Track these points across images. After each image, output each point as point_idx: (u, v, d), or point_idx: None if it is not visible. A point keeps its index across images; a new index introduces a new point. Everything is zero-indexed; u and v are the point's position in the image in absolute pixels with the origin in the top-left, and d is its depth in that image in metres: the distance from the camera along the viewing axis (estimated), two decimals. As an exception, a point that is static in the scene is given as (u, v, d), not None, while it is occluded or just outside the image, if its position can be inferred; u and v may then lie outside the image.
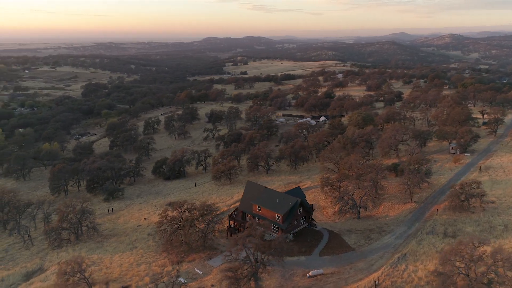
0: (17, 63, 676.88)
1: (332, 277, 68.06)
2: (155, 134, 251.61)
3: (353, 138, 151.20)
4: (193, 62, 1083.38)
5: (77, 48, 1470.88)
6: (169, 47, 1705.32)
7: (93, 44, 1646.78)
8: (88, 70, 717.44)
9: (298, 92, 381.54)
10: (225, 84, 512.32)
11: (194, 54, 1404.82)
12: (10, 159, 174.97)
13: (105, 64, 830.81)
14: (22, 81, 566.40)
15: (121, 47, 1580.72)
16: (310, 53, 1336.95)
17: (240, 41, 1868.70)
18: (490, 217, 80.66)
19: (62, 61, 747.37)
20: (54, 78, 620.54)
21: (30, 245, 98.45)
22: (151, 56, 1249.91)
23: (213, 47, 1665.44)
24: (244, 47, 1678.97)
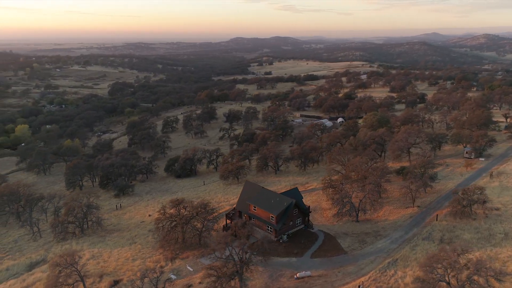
0: (50, 63, 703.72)
1: (319, 280, 67.47)
2: (173, 132, 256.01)
3: (365, 140, 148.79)
4: (219, 62, 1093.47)
5: (108, 48, 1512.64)
6: (196, 47, 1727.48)
7: (124, 44, 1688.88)
8: (116, 70, 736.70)
9: (319, 93, 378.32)
10: (247, 84, 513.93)
11: (220, 54, 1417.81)
12: (32, 154, 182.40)
13: (134, 63, 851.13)
14: (53, 79, 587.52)
15: (151, 47, 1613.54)
16: (337, 54, 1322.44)
17: (267, 41, 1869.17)
18: (492, 224, 77.64)
19: (92, 61, 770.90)
20: (84, 77, 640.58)
21: (38, 237, 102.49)
22: (179, 56, 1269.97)
23: (240, 47, 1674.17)
24: (270, 47, 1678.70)
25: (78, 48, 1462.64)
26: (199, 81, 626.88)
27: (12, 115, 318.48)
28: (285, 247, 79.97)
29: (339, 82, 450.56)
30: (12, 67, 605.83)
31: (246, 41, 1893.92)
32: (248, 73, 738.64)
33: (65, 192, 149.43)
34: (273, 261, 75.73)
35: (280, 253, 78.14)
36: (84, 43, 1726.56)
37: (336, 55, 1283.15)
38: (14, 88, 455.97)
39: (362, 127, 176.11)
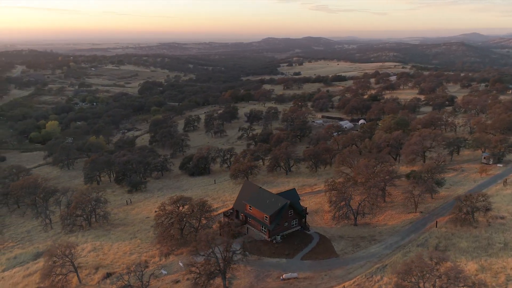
0: (86, 62, 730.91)
1: (304, 282, 67.01)
2: (194, 131, 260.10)
3: (379, 142, 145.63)
4: (249, 62, 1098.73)
5: (143, 48, 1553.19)
6: (228, 47, 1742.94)
7: (158, 44, 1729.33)
8: (148, 69, 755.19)
9: (344, 94, 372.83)
10: (274, 85, 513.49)
11: (251, 55, 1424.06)
12: (57, 150, 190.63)
13: (166, 63, 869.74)
14: (88, 78, 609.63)
15: (183, 47, 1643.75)
16: (369, 54, 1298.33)
17: (299, 41, 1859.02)
18: (493, 233, 74.23)
19: (125, 60, 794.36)
20: (116, 76, 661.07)
21: (49, 228, 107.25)
22: (210, 56, 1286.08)
23: (271, 48, 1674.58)
24: (302, 47, 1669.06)
25: (114, 48, 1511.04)
26: (227, 81, 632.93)
27: (46, 111, 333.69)
28: (277, 248, 79.84)
29: (367, 83, 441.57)
30: (50, 66, 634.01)
31: (277, 41, 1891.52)
32: (277, 74, 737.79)
33: (83, 186, 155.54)
34: (263, 261, 76.00)
35: (271, 253, 78.15)
36: (120, 43, 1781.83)
37: (369, 55, 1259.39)
38: (50, 86, 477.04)
39: (380, 129, 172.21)
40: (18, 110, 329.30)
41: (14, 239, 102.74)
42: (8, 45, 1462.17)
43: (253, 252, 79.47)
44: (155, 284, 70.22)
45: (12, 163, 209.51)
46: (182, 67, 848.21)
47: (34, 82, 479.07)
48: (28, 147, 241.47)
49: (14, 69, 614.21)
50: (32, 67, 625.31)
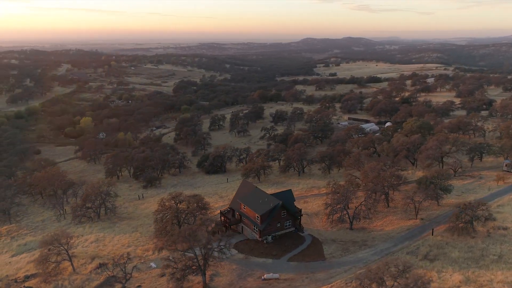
0: (127, 61, 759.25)
1: (283, 283, 66.73)
2: (219, 130, 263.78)
3: (396, 146, 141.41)
4: (286, 62, 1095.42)
5: (183, 48, 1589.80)
6: (266, 48, 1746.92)
7: (197, 44, 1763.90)
8: (185, 68, 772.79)
9: (377, 96, 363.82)
10: (307, 85, 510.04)
11: (289, 55, 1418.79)
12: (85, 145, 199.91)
13: (203, 63, 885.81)
14: (127, 76, 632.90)
15: (222, 47, 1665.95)
16: (411, 56, 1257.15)
17: (338, 42, 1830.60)
18: (490, 244, 70.31)
19: (164, 60, 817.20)
20: (154, 75, 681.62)
21: (62, 219, 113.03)
22: (248, 56, 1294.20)
23: (310, 48, 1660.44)
24: (341, 48, 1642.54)
25: (156, 48, 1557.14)
26: (261, 81, 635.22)
27: (83, 108, 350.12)
28: (266, 248, 79.85)
29: (402, 85, 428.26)
30: (93, 65, 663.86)
31: (316, 41, 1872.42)
32: (312, 74, 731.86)
33: (104, 180, 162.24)
34: (249, 260, 76.37)
35: (259, 253, 78.31)
36: (162, 43, 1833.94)
37: (410, 57, 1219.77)
38: (91, 84, 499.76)
39: (400, 132, 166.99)
40: (58, 106, 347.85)
41: (29, 227, 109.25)
42: (59, 45, 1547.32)
43: (243, 251, 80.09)
44: (142, 277, 72.48)
45: (46, 156, 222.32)
46: (219, 67, 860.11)
47: (76, 80, 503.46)
48: (62, 142, 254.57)
49: (60, 68, 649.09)
50: (76, 65, 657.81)
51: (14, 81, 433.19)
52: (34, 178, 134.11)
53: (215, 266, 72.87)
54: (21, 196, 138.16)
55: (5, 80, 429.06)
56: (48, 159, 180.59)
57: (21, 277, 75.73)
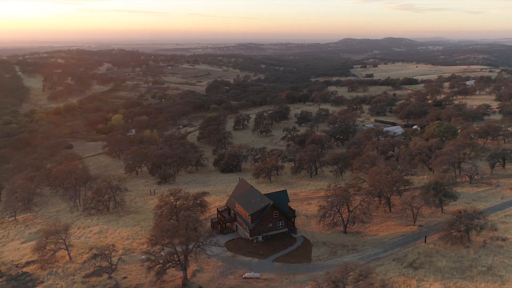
0: (165, 61, 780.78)
1: (262, 283, 66.88)
2: (243, 130, 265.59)
3: (411, 150, 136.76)
4: (323, 63, 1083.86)
5: (221, 48, 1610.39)
6: (304, 48, 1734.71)
7: (236, 44, 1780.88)
8: (221, 68, 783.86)
9: (410, 98, 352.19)
10: (340, 86, 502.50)
11: (327, 55, 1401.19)
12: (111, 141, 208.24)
13: (239, 63, 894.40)
14: (164, 76, 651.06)
15: (259, 48, 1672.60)
16: (455, 57, 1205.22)
17: (379, 42, 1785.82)
18: (483, 255, 66.77)
19: (200, 60, 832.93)
20: (190, 74, 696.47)
21: (75, 210, 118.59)
22: (284, 57, 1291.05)
23: (349, 49, 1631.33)
24: (381, 48, 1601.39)
25: (195, 48, 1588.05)
26: (295, 81, 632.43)
27: (117, 105, 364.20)
28: (255, 247, 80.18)
29: (438, 87, 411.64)
30: (132, 64, 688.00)
31: (355, 42, 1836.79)
32: (348, 75, 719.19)
33: (123, 175, 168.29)
34: (236, 258, 77.14)
35: (247, 252, 78.83)
36: (201, 43, 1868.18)
37: (455, 58, 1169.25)
38: (128, 82, 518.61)
39: (421, 136, 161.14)
40: (94, 103, 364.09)
41: (43, 216, 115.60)
42: (104, 45, 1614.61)
43: (232, 249, 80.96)
44: (130, 268, 75.06)
45: (77, 150, 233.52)
46: (254, 67, 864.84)
47: (114, 79, 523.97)
48: (94, 137, 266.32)
49: (101, 67, 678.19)
50: (116, 65, 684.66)
51: (57, 79, 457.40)
52: (55, 171, 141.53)
53: (200, 262, 74.41)
54: (45, 188, 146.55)
55: (49, 78, 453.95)
56: (75, 153, 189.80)
57: (23, 262, 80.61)
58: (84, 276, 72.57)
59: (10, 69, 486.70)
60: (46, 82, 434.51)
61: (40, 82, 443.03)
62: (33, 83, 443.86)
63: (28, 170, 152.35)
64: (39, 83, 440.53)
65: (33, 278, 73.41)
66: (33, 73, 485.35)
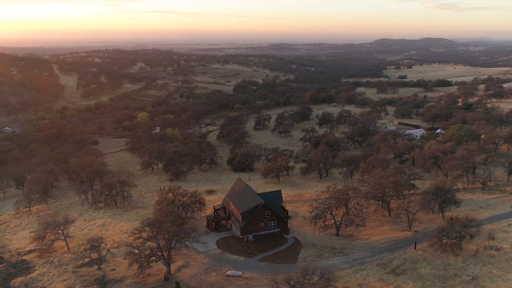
0: (196, 60, 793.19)
1: (242, 281, 67.33)
2: (263, 130, 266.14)
3: (424, 154, 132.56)
4: (355, 64, 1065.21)
5: (254, 48, 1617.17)
6: (338, 49, 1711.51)
7: (268, 45, 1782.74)
8: (250, 68, 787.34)
9: (440, 101, 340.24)
10: (369, 87, 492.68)
11: (360, 56, 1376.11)
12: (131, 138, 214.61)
13: (270, 63, 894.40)
14: (194, 75, 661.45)
15: (292, 48, 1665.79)
16: (498, 58, 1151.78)
17: (416, 43, 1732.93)
18: (471, 264, 63.98)
19: (231, 60, 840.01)
20: (220, 74, 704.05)
21: (86, 204, 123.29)
22: (317, 57, 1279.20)
23: (384, 49, 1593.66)
24: (418, 49, 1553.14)
25: (228, 48, 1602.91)
26: (324, 82, 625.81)
27: (145, 104, 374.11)
28: (244, 246, 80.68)
29: (472, 89, 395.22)
30: (164, 64, 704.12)
31: (391, 42, 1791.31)
32: (381, 76, 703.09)
33: (139, 172, 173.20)
34: (223, 256, 78.01)
35: (235, 250, 79.49)
36: (234, 44, 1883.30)
37: (496, 59, 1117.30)
38: (158, 81, 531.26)
39: (439, 140, 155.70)
40: (123, 101, 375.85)
41: (56, 208, 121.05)
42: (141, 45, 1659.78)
43: (221, 247, 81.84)
44: (120, 261, 77.38)
45: (102, 146, 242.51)
46: (285, 67, 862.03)
47: (145, 78, 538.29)
48: (119, 134, 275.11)
49: (135, 66, 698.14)
50: (149, 64, 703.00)
51: (91, 77, 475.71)
52: (72, 165, 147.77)
53: (188, 258, 75.89)
54: (64, 181, 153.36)
55: (83, 77, 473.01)
56: (96, 149, 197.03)
57: (25, 251, 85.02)
58: (76, 266, 75.64)
59: (49, 67, 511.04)
60: (80, 80, 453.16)
61: (75, 80, 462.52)
62: (68, 81, 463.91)
63: (49, 164, 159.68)
64: (74, 81, 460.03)
65: (30, 265, 77.43)
66: (70, 71, 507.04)
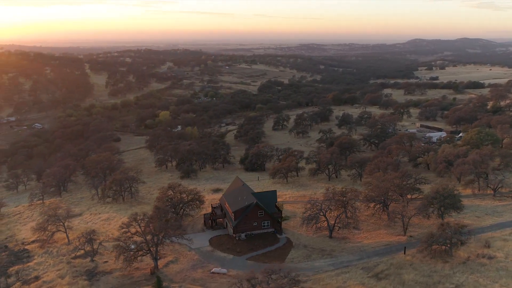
0: (223, 61, 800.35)
1: (225, 278, 67.96)
2: (281, 130, 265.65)
3: (438, 158, 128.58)
4: (386, 64, 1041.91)
5: (283, 48, 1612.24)
6: (369, 49, 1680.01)
7: (298, 45, 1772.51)
8: (277, 69, 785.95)
9: (468, 103, 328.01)
10: (396, 89, 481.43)
11: (392, 57, 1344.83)
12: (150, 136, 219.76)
13: (297, 63, 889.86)
14: (220, 75, 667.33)
15: (322, 48, 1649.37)
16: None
17: (451, 43, 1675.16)
18: (458, 272, 61.73)
19: (258, 60, 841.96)
20: (246, 74, 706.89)
21: (96, 198, 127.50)
22: (346, 58, 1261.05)
23: (417, 50, 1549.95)
24: (454, 50, 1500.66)
25: (257, 48, 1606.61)
26: (351, 83, 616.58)
27: (169, 103, 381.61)
28: (234, 245, 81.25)
29: (505, 92, 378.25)
30: (192, 64, 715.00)
31: (425, 43, 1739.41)
32: (411, 78, 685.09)
33: (154, 169, 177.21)
34: (213, 253, 78.94)
35: (225, 248, 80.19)
36: (264, 44, 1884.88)
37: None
38: (184, 81, 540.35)
39: (455, 143, 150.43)
40: (148, 100, 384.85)
41: (68, 202, 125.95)
42: (171, 45, 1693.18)
43: (213, 244, 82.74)
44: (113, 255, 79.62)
45: (124, 143, 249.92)
46: (313, 67, 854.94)
47: (172, 77, 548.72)
48: (141, 132, 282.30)
49: (164, 66, 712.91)
50: (177, 64, 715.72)
51: (119, 76, 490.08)
52: (87, 161, 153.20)
53: (178, 254, 77.36)
54: (81, 176, 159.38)
55: (113, 76, 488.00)
56: (114, 145, 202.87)
57: (29, 240, 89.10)
58: (72, 257, 78.59)
59: (80, 66, 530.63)
60: (109, 79, 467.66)
61: (105, 79, 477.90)
62: (98, 80, 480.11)
63: (67, 159, 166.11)
64: (104, 80, 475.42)
65: (31, 255, 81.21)
66: (100, 70, 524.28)
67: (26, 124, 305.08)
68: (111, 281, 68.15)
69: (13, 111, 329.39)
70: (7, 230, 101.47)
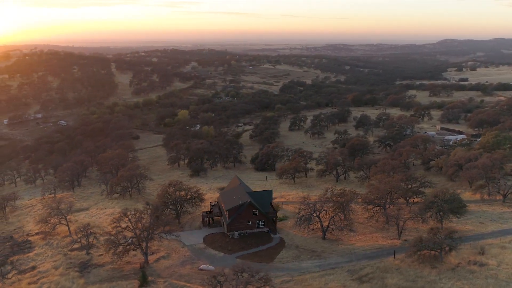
0: (247, 60, 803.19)
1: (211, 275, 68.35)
2: (297, 130, 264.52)
3: (447, 161, 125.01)
4: (414, 65, 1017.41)
5: (309, 48, 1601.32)
6: (398, 49, 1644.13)
7: (324, 45, 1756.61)
8: (301, 69, 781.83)
9: (495, 106, 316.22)
10: (421, 90, 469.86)
11: (421, 57, 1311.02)
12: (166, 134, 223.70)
13: (322, 64, 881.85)
14: (244, 75, 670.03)
15: (349, 48, 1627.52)
16: None
17: (484, 43, 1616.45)
18: (444, 278, 59.94)
19: (282, 60, 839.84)
20: (269, 74, 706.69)
21: (105, 193, 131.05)
22: (373, 58, 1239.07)
23: (448, 50, 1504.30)
24: (487, 50, 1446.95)
25: (283, 49, 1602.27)
26: (375, 84, 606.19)
27: (190, 102, 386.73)
28: (227, 243, 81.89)
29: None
30: (216, 63, 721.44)
31: (456, 43, 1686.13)
32: (439, 79, 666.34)
33: (166, 166, 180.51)
34: (205, 251, 79.99)
35: (217, 246, 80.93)
36: (290, 44, 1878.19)
37: None
38: (207, 81, 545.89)
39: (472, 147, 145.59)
40: (170, 99, 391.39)
41: (78, 196, 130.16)
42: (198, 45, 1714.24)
43: (206, 242, 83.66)
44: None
45: (143, 141, 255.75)
46: (338, 68, 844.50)
47: (195, 77, 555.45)
48: (160, 130, 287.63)
49: (188, 65, 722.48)
50: (201, 64, 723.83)
51: (143, 76, 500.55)
52: (100, 157, 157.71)
53: (171, 250, 78.75)
54: (95, 171, 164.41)
55: (137, 75, 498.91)
56: (130, 143, 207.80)
57: (34, 232, 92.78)
58: (70, 249, 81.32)
59: (107, 66, 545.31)
60: (134, 78, 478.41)
61: (129, 78, 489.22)
62: (123, 79, 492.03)
63: (82, 155, 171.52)
64: (128, 79, 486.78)
65: (32, 246, 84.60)
66: (126, 70, 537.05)
67: (52, 121, 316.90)
68: (101, 274, 70.17)
69: (40, 108, 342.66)
70: (17, 222, 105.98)
